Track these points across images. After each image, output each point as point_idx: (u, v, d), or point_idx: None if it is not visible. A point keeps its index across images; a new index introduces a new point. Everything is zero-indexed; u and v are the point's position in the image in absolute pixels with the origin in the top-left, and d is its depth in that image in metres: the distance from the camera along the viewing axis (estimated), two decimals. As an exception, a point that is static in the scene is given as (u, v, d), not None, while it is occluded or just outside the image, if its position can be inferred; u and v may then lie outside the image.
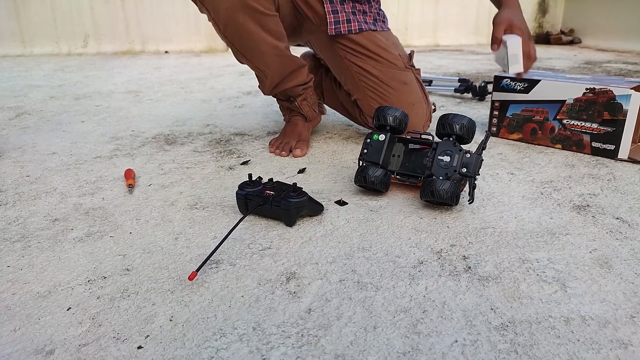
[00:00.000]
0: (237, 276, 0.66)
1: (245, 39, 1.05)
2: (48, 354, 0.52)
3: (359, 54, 1.17)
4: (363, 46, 1.16)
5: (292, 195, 0.80)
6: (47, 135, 1.37)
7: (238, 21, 1.01)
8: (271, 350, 0.52)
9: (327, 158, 1.15)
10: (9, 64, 2.89)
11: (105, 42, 3.46)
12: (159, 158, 1.16)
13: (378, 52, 1.16)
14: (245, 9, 1.00)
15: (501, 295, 0.61)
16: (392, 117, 0.91)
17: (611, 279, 0.65)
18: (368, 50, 1.16)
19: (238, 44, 1.06)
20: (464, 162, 0.84)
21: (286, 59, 1.12)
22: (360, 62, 1.17)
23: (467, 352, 0.52)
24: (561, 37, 3.91)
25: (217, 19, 1.02)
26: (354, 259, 0.70)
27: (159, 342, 0.54)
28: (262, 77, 1.17)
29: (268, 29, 1.05)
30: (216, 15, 1.02)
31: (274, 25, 1.06)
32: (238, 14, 1.00)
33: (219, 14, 1.01)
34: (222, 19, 1.02)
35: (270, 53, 1.08)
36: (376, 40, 1.17)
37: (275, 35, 1.07)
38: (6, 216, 0.86)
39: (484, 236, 0.77)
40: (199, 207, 0.88)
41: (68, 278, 0.66)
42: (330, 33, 1.14)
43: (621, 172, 1.03)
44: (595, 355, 0.51)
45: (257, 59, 1.10)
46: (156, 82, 2.24)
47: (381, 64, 1.16)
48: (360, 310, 0.59)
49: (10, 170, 1.09)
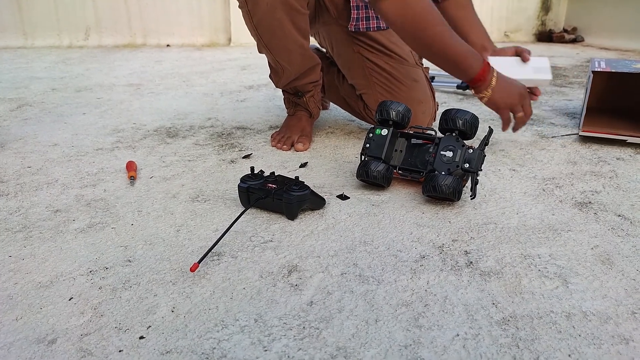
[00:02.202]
0: (239, 268, 0.66)
1: (277, 35, 1.04)
2: (50, 343, 0.52)
3: (373, 49, 1.17)
4: (378, 42, 1.16)
5: (294, 188, 0.79)
6: (48, 126, 1.37)
7: (275, 17, 1.00)
8: (273, 342, 0.52)
9: (329, 152, 1.15)
10: (11, 55, 2.88)
11: (107, 35, 3.45)
12: (160, 151, 1.16)
13: (392, 49, 1.17)
14: (285, 6, 0.99)
15: (503, 290, 0.61)
16: (395, 112, 0.91)
17: (613, 275, 0.65)
18: (382, 46, 1.16)
19: (267, 38, 1.05)
20: (467, 157, 0.84)
21: (307, 58, 1.12)
22: (374, 58, 1.17)
23: (469, 346, 0.52)
24: (564, 35, 3.90)
25: (254, 10, 1.00)
26: (355, 252, 0.70)
27: (161, 332, 0.54)
28: (279, 71, 1.15)
29: (298, 27, 1.04)
30: (254, 7, 1.00)
31: (304, 24, 1.05)
32: (277, 10, 0.99)
33: (258, 6, 0.99)
34: (259, 12, 1.00)
35: (296, 51, 1.07)
36: (390, 36, 1.17)
37: (303, 34, 1.06)
38: (8, 206, 0.85)
39: (486, 232, 0.77)
40: (200, 199, 0.88)
41: (70, 268, 0.66)
42: (350, 29, 1.15)
43: (623, 170, 1.03)
44: (596, 350, 0.51)
45: (281, 55, 1.09)
46: (157, 76, 2.24)
47: (394, 60, 1.17)
48: (362, 304, 0.59)
49: (11, 161, 1.08)
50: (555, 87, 1.96)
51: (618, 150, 1.15)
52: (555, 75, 2.27)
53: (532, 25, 4.13)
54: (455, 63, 0.96)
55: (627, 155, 1.11)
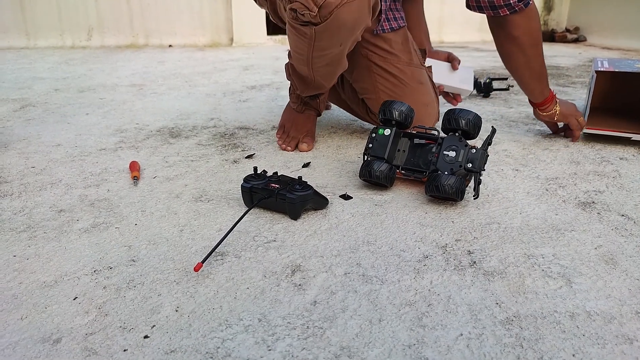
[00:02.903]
0: (243, 268, 0.66)
1: (333, 64, 1.01)
2: (55, 342, 0.52)
3: (381, 50, 1.13)
4: (389, 43, 1.13)
5: (297, 188, 0.80)
6: (51, 127, 1.37)
7: (343, 53, 0.97)
8: (277, 342, 0.53)
9: (331, 152, 1.15)
10: (14, 56, 2.89)
11: (109, 35, 3.46)
12: (163, 151, 1.16)
13: (400, 48, 1.14)
14: (354, 41, 0.97)
15: (506, 290, 0.61)
16: (398, 112, 0.91)
17: (616, 275, 0.65)
18: (390, 45, 1.13)
19: (320, 65, 0.99)
20: (470, 157, 0.84)
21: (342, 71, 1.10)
22: (382, 62, 1.13)
23: (472, 346, 0.52)
24: (566, 35, 3.89)
25: (324, 48, 0.93)
26: (359, 252, 0.70)
27: (165, 332, 0.54)
28: (309, 83, 1.10)
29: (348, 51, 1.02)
30: (328, 46, 0.93)
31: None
32: (347, 48, 0.97)
33: (332, 46, 0.93)
34: (328, 51, 0.94)
35: (339, 73, 1.06)
36: (400, 36, 1.15)
37: None
38: (12, 206, 0.86)
39: (489, 231, 0.77)
40: (203, 199, 0.89)
41: (74, 268, 0.66)
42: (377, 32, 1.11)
43: (627, 170, 1.02)
44: (600, 350, 0.51)
45: (325, 77, 1.05)
46: (160, 76, 2.24)
47: (401, 61, 1.14)
48: (366, 303, 0.59)
49: (15, 162, 1.09)
50: (558, 87, 1.96)
51: (621, 150, 1.14)
52: (557, 75, 2.27)
53: (535, 25, 4.12)
54: (542, 79, 1.13)
55: (631, 155, 1.11)
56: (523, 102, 1.67)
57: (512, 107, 1.59)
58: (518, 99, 1.73)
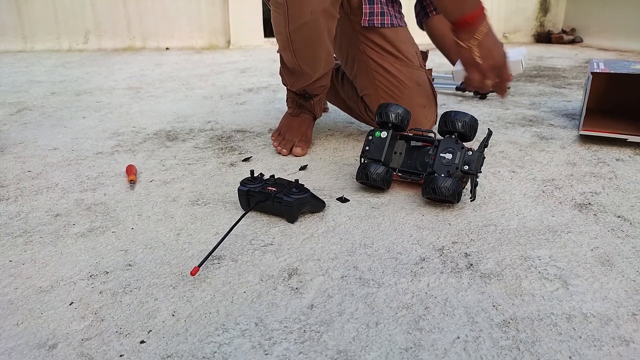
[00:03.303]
0: (239, 272, 0.66)
1: (312, 44, 1.01)
2: (51, 348, 0.52)
3: (379, 48, 1.14)
4: (387, 40, 1.14)
5: (294, 191, 0.80)
6: (48, 130, 1.37)
7: (316, 27, 0.98)
8: (274, 346, 0.52)
9: (328, 155, 1.15)
10: (10, 59, 2.89)
11: (106, 39, 3.46)
12: (160, 154, 1.16)
13: (399, 48, 1.15)
14: (327, 15, 0.98)
15: (503, 292, 0.62)
16: (395, 114, 0.91)
17: (613, 276, 0.65)
18: (390, 45, 1.14)
19: (300, 46, 1.01)
20: (466, 159, 0.84)
21: (329, 63, 1.10)
22: (379, 59, 1.14)
23: (469, 349, 0.52)
24: (562, 36, 3.90)
25: (294, 17, 0.96)
26: (355, 255, 0.70)
27: (162, 336, 0.54)
28: (297, 74, 1.11)
29: (331, 35, 1.03)
30: (296, 14, 0.95)
31: (334, 29, 1.04)
32: (320, 19, 0.97)
33: (301, 14, 0.95)
34: (299, 21, 0.96)
35: (323, 58, 1.06)
36: (398, 35, 1.15)
37: (332, 39, 1.05)
38: (8, 211, 0.86)
39: (486, 234, 0.77)
40: (200, 203, 0.88)
41: (70, 273, 0.66)
42: (364, 24, 1.12)
43: (623, 171, 1.03)
44: (597, 352, 0.51)
45: (308, 62, 1.06)
46: (157, 79, 2.24)
47: (400, 61, 1.15)
48: (362, 307, 0.59)
49: (11, 166, 1.09)
50: (554, 89, 1.96)
51: (617, 152, 1.15)
52: (554, 76, 2.27)
53: (531, 26, 4.14)
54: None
55: (627, 156, 1.12)
56: (520, 104, 1.67)
57: (508, 109, 1.60)
58: (514, 101, 1.73)
